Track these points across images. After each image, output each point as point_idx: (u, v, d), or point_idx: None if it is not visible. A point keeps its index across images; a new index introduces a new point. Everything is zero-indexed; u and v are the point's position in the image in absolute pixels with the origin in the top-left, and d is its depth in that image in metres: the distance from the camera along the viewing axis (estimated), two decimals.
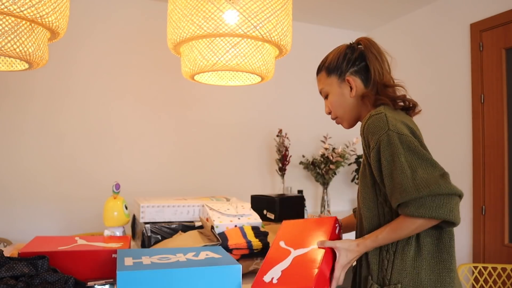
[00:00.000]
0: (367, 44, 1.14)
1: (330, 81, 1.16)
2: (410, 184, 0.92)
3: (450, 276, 0.96)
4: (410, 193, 0.92)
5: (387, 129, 0.97)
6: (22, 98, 2.65)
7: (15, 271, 1.01)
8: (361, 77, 1.13)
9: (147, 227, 1.56)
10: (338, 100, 1.16)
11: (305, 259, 1.04)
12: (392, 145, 0.96)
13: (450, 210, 0.91)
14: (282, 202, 1.98)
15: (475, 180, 2.61)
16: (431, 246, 0.98)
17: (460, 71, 2.76)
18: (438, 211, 0.91)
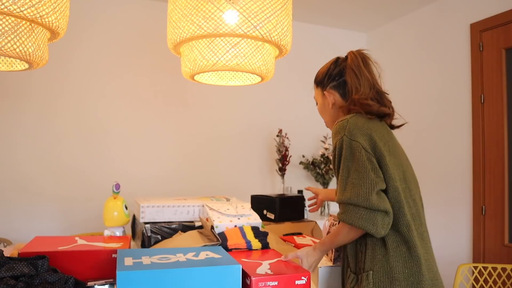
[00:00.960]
0: (352, 59, 1.25)
1: (317, 92, 1.33)
2: (343, 187, 1.08)
3: (417, 263, 1.04)
4: (340, 196, 1.08)
5: (343, 134, 1.11)
6: (21, 98, 2.65)
7: (15, 271, 1.01)
8: (340, 91, 1.26)
9: (147, 227, 1.56)
10: (321, 109, 1.33)
11: (281, 262, 1.18)
12: (342, 149, 1.10)
13: (373, 223, 1.04)
14: (282, 202, 1.98)
15: (475, 180, 2.61)
16: (393, 237, 1.07)
17: (460, 71, 2.76)
18: (360, 222, 1.04)
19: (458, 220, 2.74)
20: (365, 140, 1.08)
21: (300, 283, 1.05)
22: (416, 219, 1.10)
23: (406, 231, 1.07)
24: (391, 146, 1.13)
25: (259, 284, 1.02)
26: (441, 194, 2.88)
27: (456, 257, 2.72)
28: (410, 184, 1.13)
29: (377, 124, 1.16)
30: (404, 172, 1.13)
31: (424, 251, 1.08)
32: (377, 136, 1.11)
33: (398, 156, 1.14)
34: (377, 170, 1.06)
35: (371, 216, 1.03)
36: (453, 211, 2.78)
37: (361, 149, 1.07)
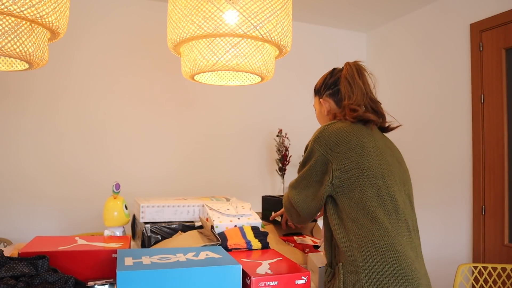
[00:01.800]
0: (347, 70, 1.34)
1: (315, 100, 1.46)
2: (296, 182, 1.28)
3: (382, 253, 1.09)
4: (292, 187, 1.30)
5: (311, 140, 1.25)
6: (21, 98, 2.65)
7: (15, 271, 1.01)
8: (334, 99, 1.37)
9: (147, 227, 1.56)
10: (318, 116, 1.46)
11: (281, 262, 1.18)
12: (306, 153, 1.26)
13: (290, 215, 1.33)
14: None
15: (475, 180, 2.61)
16: (355, 229, 1.13)
17: (460, 71, 2.76)
18: (284, 205, 1.35)
19: (458, 220, 2.74)
20: (330, 147, 1.20)
21: (300, 283, 1.05)
22: (392, 214, 1.15)
23: (369, 224, 1.13)
24: (366, 147, 1.20)
25: (259, 284, 1.02)
26: (441, 194, 2.88)
27: (456, 257, 2.72)
28: (388, 181, 1.19)
29: (359, 127, 1.25)
30: (382, 171, 1.19)
31: (396, 243, 1.12)
32: (350, 140, 1.20)
33: (378, 155, 1.21)
34: (322, 181, 1.20)
35: (292, 211, 1.30)
36: (453, 211, 2.78)
37: (314, 157, 1.22)
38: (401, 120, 3.24)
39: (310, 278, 1.07)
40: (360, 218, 1.14)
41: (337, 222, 1.18)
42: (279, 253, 1.28)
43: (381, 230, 1.12)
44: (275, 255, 1.25)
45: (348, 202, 1.16)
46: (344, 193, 1.16)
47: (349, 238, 1.14)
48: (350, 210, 1.16)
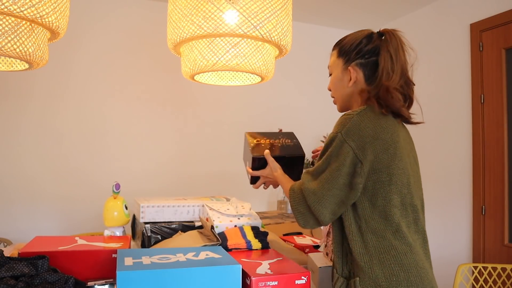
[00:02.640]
0: (388, 39, 1.10)
1: (338, 62, 1.18)
2: (315, 176, 1.06)
3: (406, 271, 0.98)
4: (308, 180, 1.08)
5: (340, 131, 1.03)
6: (22, 98, 2.65)
7: (15, 271, 1.01)
8: (365, 72, 1.12)
9: (147, 227, 1.56)
10: (337, 84, 1.19)
11: (281, 262, 1.17)
12: (331, 145, 1.05)
13: (305, 222, 1.08)
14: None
15: (475, 180, 2.61)
16: (375, 242, 1.01)
17: (460, 71, 2.76)
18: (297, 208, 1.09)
19: (458, 220, 2.74)
20: (362, 142, 1.00)
21: (300, 283, 1.05)
22: (412, 225, 1.05)
23: (391, 237, 1.00)
24: (398, 148, 1.03)
25: (259, 284, 1.02)
26: (441, 194, 2.88)
27: (456, 257, 2.72)
28: (412, 189, 1.06)
29: (390, 121, 1.06)
30: (408, 177, 1.05)
31: (418, 259, 1.01)
32: (384, 138, 1.02)
33: (405, 158, 1.05)
34: (352, 185, 1.01)
35: (308, 216, 1.07)
36: (453, 211, 2.78)
37: (347, 154, 1.00)
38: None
39: (310, 278, 1.07)
40: (382, 229, 1.01)
41: (355, 231, 1.02)
42: (279, 253, 1.28)
43: (404, 245, 1.00)
44: (275, 255, 1.25)
45: (369, 209, 1.02)
46: (367, 198, 1.02)
47: (368, 251, 1.00)
48: (371, 219, 1.02)
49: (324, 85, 3.26)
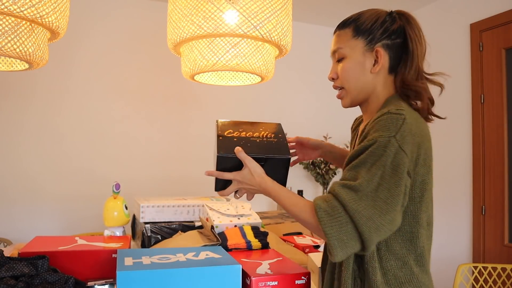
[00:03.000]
0: (409, 21, 0.96)
1: (355, 43, 0.93)
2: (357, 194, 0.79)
3: None
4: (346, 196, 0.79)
5: (393, 135, 0.80)
6: (22, 98, 2.65)
7: (15, 271, 1.01)
8: (391, 56, 0.93)
9: (147, 227, 1.56)
10: (354, 70, 0.93)
11: (281, 262, 1.15)
12: (384, 155, 0.80)
13: (346, 251, 0.79)
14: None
15: (475, 180, 2.61)
16: (396, 270, 0.84)
17: (460, 71, 2.76)
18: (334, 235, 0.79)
19: (458, 220, 2.74)
20: (413, 152, 0.82)
21: (300, 283, 1.05)
22: (430, 246, 0.91)
23: (413, 264, 0.86)
24: (432, 157, 0.90)
25: (259, 284, 1.02)
26: (441, 194, 2.88)
27: (456, 257, 2.72)
28: (433, 204, 0.93)
29: (425, 123, 0.91)
30: (432, 191, 0.90)
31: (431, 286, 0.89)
32: (427, 147, 0.87)
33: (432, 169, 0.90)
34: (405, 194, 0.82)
35: (352, 246, 0.79)
36: (453, 211, 2.77)
37: (404, 165, 0.80)
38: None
39: (310, 278, 1.07)
40: (405, 254, 0.84)
41: (374, 255, 0.84)
42: (279, 253, 1.28)
43: (424, 275, 0.86)
44: (275, 255, 1.25)
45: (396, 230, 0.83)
46: None
47: (387, 281, 0.83)
48: (394, 241, 0.85)
49: (324, 85, 3.26)
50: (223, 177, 0.99)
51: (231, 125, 1.08)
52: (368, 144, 0.82)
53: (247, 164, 0.96)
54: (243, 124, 1.10)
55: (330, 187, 0.84)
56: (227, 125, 1.08)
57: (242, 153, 0.96)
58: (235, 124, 1.09)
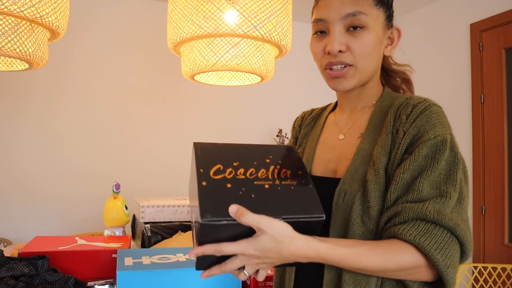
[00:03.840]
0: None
1: (377, 14, 0.77)
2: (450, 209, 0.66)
3: None
4: (445, 216, 0.64)
5: (451, 132, 0.74)
6: (21, 98, 2.65)
7: (15, 271, 1.01)
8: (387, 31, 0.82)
9: (147, 227, 1.56)
10: (375, 46, 0.77)
11: None
12: (456, 156, 0.71)
13: (454, 263, 0.64)
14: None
15: (475, 180, 2.61)
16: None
17: (460, 71, 2.76)
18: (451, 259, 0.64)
19: None
20: None
21: None
22: None
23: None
24: None
25: (259, 284, 1.02)
26: None
27: None
28: None
29: None
30: None
31: None
32: None
33: None
34: None
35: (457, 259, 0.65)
36: None
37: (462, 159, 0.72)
38: None
39: None
40: None
41: None
42: None
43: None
44: None
45: None
46: None
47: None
48: None
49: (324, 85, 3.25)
50: (222, 252, 0.60)
51: (218, 154, 0.69)
52: (434, 145, 0.70)
53: (264, 230, 0.60)
54: (236, 150, 0.71)
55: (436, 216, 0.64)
56: (211, 153, 0.69)
57: (249, 216, 0.59)
58: (224, 151, 0.70)
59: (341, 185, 0.75)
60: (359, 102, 0.84)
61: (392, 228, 0.65)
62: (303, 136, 0.96)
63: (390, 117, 0.75)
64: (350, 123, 0.84)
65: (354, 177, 0.74)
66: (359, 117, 0.83)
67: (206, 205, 0.59)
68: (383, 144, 0.73)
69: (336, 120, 0.88)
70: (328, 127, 0.89)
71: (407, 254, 0.63)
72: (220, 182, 0.63)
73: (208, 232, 0.60)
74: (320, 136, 0.89)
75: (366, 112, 0.82)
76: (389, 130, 0.74)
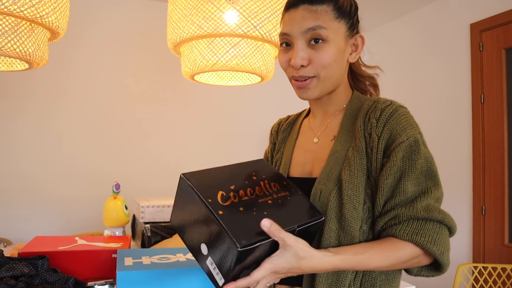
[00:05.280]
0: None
1: (338, 26, 0.80)
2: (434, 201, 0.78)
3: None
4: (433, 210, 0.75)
5: (419, 131, 0.81)
6: (21, 98, 2.65)
7: (15, 271, 1.01)
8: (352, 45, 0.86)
9: (147, 227, 1.56)
10: (337, 57, 0.80)
11: None
12: (427, 152, 0.80)
13: (447, 248, 0.77)
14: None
15: (475, 180, 2.61)
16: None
17: (460, 71, 2.76)
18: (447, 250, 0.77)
19: (458, 220, 2.73)
20: None
21: None
22: None
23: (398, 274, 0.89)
24: None
25: None
26: None
27: (456, 257, 2.72)
28: None
29: None
30: None
31: None
32: None
33: None
34: None
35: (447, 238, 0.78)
36: (453, 211, 2.77)
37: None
38: None
39: None
40: None
41: None
42: None
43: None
44: None
45: None
46: None
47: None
48: None
49: None
50: (255, 282, 0.65)
51: (211, 180, 0.70)
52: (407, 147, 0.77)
53: (290, 246, 0.65)
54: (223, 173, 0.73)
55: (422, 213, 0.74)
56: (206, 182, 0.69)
57: (281, 230, 0.65)
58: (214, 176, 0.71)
59: (317, 184, 0.81)
60: (330, 107, 0.90)
61: (389, 229, 0.75)
62: (280, 142, 1.01)
63: (360, 121, 0.82)
64: (323, 127, 0.90)
65: (329, 177, 0.81)
66: (331, 121, 0.89)
67: (236, 232, 0.61)
68: (357, 146, 0.80)
69: (310, 125, 0.95)
70: (303, 132, 0.96)
71: (407, 250, 0.73)
72: (232, 208, 0.66)
73: (242, 259, 0.62)
74: (297, 140, 0.95)
75: (338, 116, 0.89)
76: (361, 134, 0.80)
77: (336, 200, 0.78)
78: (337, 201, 0.78)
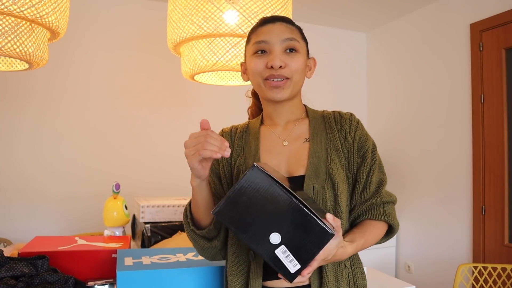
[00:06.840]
0: None
1: (303, 45, 1.01)
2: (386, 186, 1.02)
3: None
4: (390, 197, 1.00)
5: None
6: (21, 98, 2.65)
7: (15, 271, 1.01)
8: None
9: (147, 227, 1.56)
10: (303, 67, 0.99)
11: None
12: (378, 153, 1.03)
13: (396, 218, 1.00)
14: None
15: (475, 180, 2.61)
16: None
17: (460, 71, 2.76)
18: (395, 220, 0.99)
19: (458, 220, 2.74)
20: None
21: None
22: None
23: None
24: None
25: None
26: (441, 194, 2.88)
27: (456, 257, 2.72)
28: None
29: None
30: None
31: None
32: None
33: None
34: None
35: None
36: (453, 211, 2.77)
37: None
38: (401, 119, 3.23)
39: None
40: None
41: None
42: None
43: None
44: None
45: None
46: None
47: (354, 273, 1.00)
48: None
49: (324, 85, 3.25)
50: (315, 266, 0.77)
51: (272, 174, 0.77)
52: (372, 151, 1.00)
53: (340, 235, 0.80)
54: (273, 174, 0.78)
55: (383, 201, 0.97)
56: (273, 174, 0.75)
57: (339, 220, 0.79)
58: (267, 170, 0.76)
59: (308, 180, 0.93)
60: (291, 115, 1.04)
61: (365, 214, 0.97)
62: (238, 148, 1.07)
63: (334, 126, 1.01)
64: (289, 132, 1.02)
65: (317, 173, 0.94)
66: (296, 126, 1.03)
67: (323, 221, 0.72)
68: (335, 147, 0.98)
69: (272, 131, 1.04)
70: (265, 137, 1.04)
71: (382, 227, 0.97)
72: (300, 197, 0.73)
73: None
74: (260, 146, 1.03)
75: (302, 122, 1.04)
76: (337, 137, 0.99)
77: (330, 192, 0.92)
78: (331, 193, 0.93)
